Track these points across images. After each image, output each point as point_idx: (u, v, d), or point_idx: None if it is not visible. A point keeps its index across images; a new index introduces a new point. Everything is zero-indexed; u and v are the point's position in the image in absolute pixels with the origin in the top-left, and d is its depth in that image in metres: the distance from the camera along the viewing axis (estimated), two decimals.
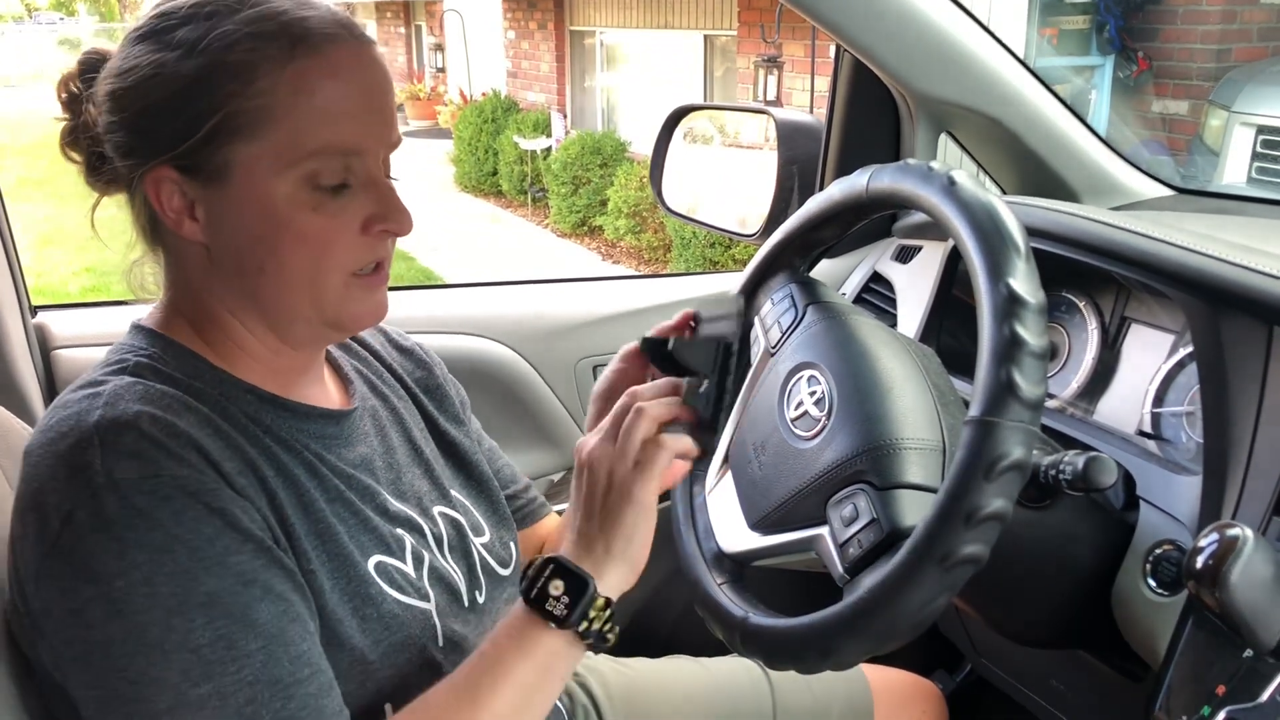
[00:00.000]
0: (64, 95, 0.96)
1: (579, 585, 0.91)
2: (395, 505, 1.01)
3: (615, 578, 0.94)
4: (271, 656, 0.81)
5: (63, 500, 0.81)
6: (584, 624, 0.91)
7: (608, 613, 0.92)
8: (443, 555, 1.03)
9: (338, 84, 0.88)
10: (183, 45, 0.88)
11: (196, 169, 0.89)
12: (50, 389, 1.57)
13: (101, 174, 0.94)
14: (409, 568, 0.98)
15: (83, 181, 0.97)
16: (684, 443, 0.98)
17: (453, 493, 1.10)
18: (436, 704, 0.90)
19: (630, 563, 0.94)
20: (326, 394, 1.03)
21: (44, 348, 1.59)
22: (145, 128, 0.89)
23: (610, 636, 0.93)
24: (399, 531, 0.99)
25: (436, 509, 1.06)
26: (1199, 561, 0.86)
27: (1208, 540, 0.87)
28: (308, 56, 0.87)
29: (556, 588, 0.91)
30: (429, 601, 0.97)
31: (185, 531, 0.80)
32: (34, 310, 1.62)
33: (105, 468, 0.81)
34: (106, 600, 0.79)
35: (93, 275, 7.22)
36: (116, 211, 0.98)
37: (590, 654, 0.94)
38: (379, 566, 0.95)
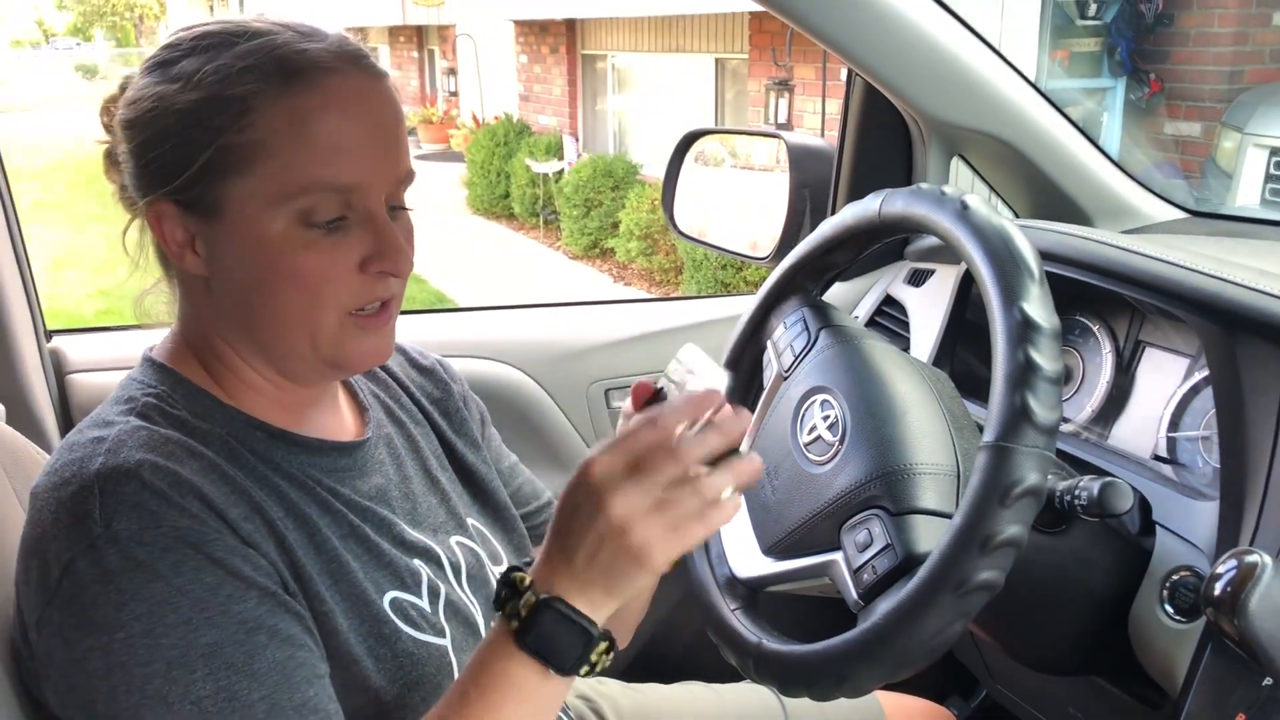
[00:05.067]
0: (105, 120, 0.96)
1: (583, 636, 0.82)
2: (412, 535, 1.00)
3: (605, 608, 0.83)
4: (275, 705, 0.80)
5: (63, 549, 0.80)
6: (585, 668, 0.83)
7: (610, 653, 0.84)
8: (460, 587, 1.02)
9: (334, 118, 0.87)
10: (182, 78, 0.87)
11: (192, 204, 0.88)
12: (65, 414, 1.57)
13: (126, 198, 0.95)
14: (424, 603, 0.96)
15: (95, 205, 0.97)
16: (720, 517, 0.82)
17: (470, 521, 1.09)
18: None
19: (622, 597, 0.83)
20: (341, 423, 1.02)
21: (59, 372, 1.59)
22: (147, 160, 0.89)
23: (608, 662, 0.85)
24: (415, 564, 0.98)
25: (454, 539, 1.05)
26: (1217, 588, 0.85)
27: (1226, 567, 0.86)
28: (303, 91, 0.86)
29: (559, 634, 0.81)
30: (444, 637, 0.96)
31: (187, 583, 0.80)
32: (49, 335, 1.63)
33: (105, 518, 0.80)
34: (107, 652, 0.78)
35: (107, 298, 7.26)
36: (106, 243, 0.98)
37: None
38: (394, 603, 0.94)
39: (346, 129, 0.87)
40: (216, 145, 0.85)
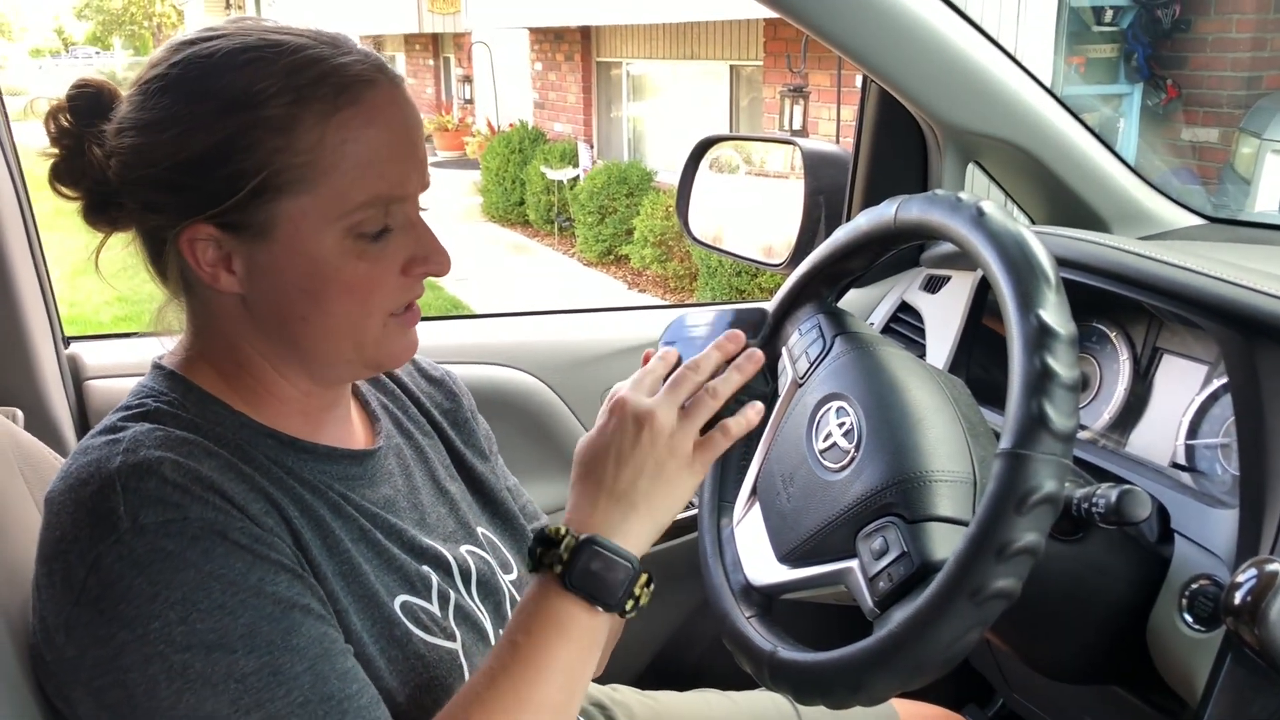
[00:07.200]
0: (53, 129, 0.91)
1: (624, 569, 0.89)
2: (422, 541, 1.00)
3: (645, 537, 0.92)
4: (319, 675, 0.81)
5: (88, 548, 0.80)
6: (630, 602, 0.90)
7: (650, 586, 0.91)
8: (470, 594, 1.02)
9: (378, 131, 0.87)
10: (218, 98, 0.84)
11: (236, 225, 0.86)
12: (82, 419, 1.58)
13: (105, 214, 0.92)
14: (434, 607, 0.97)
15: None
16: (743, 424, 0.97)
17: (479, 530, 1.10)
18: (478, 704, 0.86)
19: (662, 524, 0.93)
20: (352, 432, 1.03)
21: (76, 378, 1.60)
22: (179, 185, 0.86)
23: (645, 602, 0.92)
24: (425, 569, 0.98)
25: (464, 547, 1.05)
26: (1237, 597, 0.85)
27: (1246, 575, 0.85)
28: (350, 107, 0.86)
29: (600, 570, 0.89)
30: (455, 641, 0.97)
31: (218, 568, 0.80)
32: (67, 341, 1.64)
33: (130, 513, 0.80)
34: (143, 642, 0.78)
35: (124, 305, 7.30)
36: (122, 250, 0.95)
37: (617, 687, 0.92)
38: (405, 606, 0.94)
39: (388, 140, 0.88)
40: (270, 169, 0.84)
